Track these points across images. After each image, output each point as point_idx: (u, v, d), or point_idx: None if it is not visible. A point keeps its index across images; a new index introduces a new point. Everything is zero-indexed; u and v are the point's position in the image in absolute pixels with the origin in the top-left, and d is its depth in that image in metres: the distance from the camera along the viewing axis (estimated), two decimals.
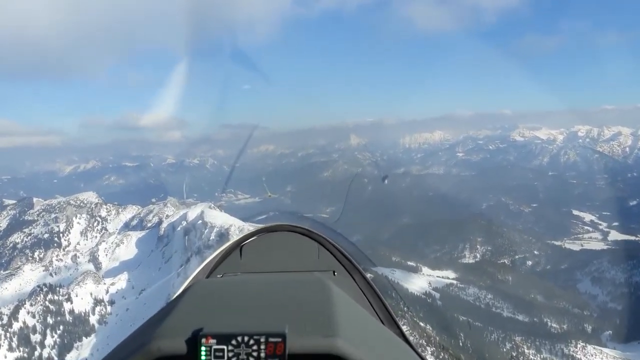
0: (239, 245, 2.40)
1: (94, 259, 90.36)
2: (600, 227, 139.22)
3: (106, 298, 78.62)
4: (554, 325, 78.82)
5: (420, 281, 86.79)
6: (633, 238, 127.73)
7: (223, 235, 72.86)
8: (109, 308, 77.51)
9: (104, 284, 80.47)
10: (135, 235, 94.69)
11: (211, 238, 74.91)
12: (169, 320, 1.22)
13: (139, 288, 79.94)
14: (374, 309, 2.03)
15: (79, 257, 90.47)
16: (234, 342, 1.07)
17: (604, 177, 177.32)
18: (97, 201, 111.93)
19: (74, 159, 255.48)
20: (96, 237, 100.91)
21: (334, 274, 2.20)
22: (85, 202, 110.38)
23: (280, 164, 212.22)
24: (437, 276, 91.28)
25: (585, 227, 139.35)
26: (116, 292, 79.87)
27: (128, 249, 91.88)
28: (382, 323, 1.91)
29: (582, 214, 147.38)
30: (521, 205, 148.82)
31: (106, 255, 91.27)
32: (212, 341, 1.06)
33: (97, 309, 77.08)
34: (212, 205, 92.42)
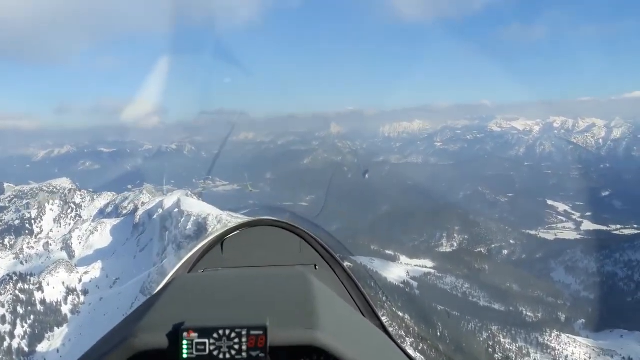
0: (220, 240, 2.41)
1: (67, 246, 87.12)
2: (574, 217, 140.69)
3: (79, 287, 75.72)
4: (529, 314, 79.42)
5: (399, 270, 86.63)
6: (605, 228, 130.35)
7: (200, 225, 70.81)
8: (82, 297, 74.74)
9: (77, 272, 77.50)
10: (110, 223, 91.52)
11: (188, 227, 72.62)
12: (151, 315, 1.22)
13: (113, 277, 77.37)
14: (354, 302, 2.09)
15: (51, 245, 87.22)
16: (215, 335, 1.06)
17: (577, 167, 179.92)
18: (71, 187, 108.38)
19: (48, 143, 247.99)
20: (70, 224, 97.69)
21: (316, 268, 2.26)
22: (59, 188, 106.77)
23: (259, 151, 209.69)
24: (415, 265, 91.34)
25: (559, 217, 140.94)
26: (90, 281, 77.04)
27: (102, 236, 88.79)
28: (363, 315, 1.97)
29: (556, 204, 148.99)
30: (497, 195, 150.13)
31: (80, 243, 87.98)
32: (194, 335, 1.06)
33: (70, 298, 74.32)
34: (189, 193, 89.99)
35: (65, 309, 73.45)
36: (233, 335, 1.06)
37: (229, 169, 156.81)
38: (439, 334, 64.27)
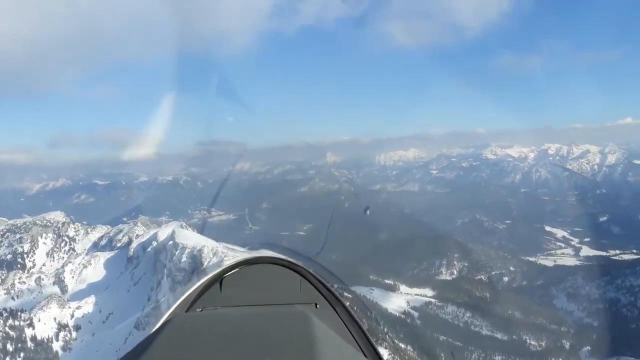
0: (219, 278, 2.38)
1: (59, 281, 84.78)
2: (572, 242, 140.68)
3: (71, 323, 73.00)
4: (533, 342, 77.83)
5: (399, 300, 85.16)
6: (604, 254, 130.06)
7: (195, 257, 69.00)
8: (74, 333, 71.97)
9: (69, 307, 74.86)
10: (104, 256, 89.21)
11: (183, 260, 70.63)
12: (147, 355, 1.19)
13: (107, 312, 74.86)
14: (356, 342, 2.08)
15: (43, 280, 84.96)
16: None
17: (574, 193, 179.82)
18: (65, 220, 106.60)
19: (43, 177, 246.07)
20: (63, 258, 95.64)
21: (316, 307, 2.25)
22: (52, 221, 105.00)
23: (256, 181, 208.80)
24: (415, 294, 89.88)
25: (558, 243, 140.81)
26: (82, 317, 74.36)
27: (96, 270, 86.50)
28: (365, 355, 1.95)
29: (554, 230, 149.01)
30: (495, 221, 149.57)
31: (72, 277, 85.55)
32: None
33: (61, 334, 71.65)
34: (184, 224, 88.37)
35: (57, 346, 70.85)
36: None
37: (225, 200, 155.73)
38: None
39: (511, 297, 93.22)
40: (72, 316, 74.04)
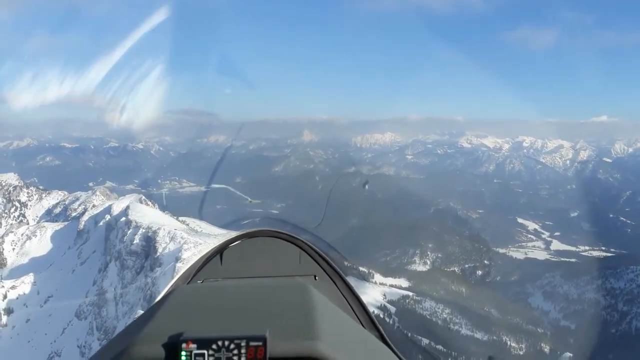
0: (219, 251, 2.42)
1: None
2: (543, 236, 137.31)
3: (2, 305, 59.63)
4: (513, 344, 71.09)
5: (375, 292, 76.93)
6: (574, 249, 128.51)
7: (149, 240, 56.55)
8: (4, 318, 58.58)
9: (2, 287, 61.13)
10: (52, 227, 75.03)
11: (135, 242, 57.56)
12: (149, 326, 1.19)
13: (46, 294, 61.58)
14: (354, 313, 2.08)
15: None
16: (214, 346, 1.03)
17: (545, 187, 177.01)
18: (17, 184, 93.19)
19: (8, 135, 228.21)
20: (11, 224, 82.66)
21: (315, 279, 2.28)
22: (4, 184, 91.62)
23: (230, 155, 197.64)
24: (391, 285, 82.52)
25: (529, 236, 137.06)
26: (17, 298, 60.93)
27: (41, 243, 72.65)
28: (363, 326, 1.94)
29: (526, 222, 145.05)
30: (469, 210, 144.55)
31: (13, 249, 71.41)
32: (193, 346, 1.03)
33: None
34: (143, 198, 75.57)
35: None
36: (232, 346, 1.03)
37: (197, 171, 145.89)
38: None
39: (487, 293, 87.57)
40: (5, 297, 60.67)
